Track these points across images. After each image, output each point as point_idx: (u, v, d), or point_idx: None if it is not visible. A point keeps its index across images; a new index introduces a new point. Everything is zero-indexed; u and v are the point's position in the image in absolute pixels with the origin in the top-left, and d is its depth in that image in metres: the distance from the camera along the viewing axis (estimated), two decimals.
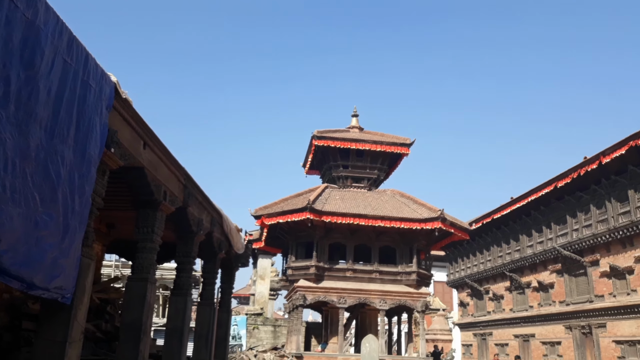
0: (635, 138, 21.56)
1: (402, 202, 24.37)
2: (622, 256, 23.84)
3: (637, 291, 22.84)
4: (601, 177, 24.55)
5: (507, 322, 33.54)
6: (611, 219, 24.16)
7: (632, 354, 22.85)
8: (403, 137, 26.38)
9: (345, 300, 22.17)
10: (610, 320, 24.24)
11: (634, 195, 22.94)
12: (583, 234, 26.11)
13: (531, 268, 31.13)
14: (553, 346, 28.66)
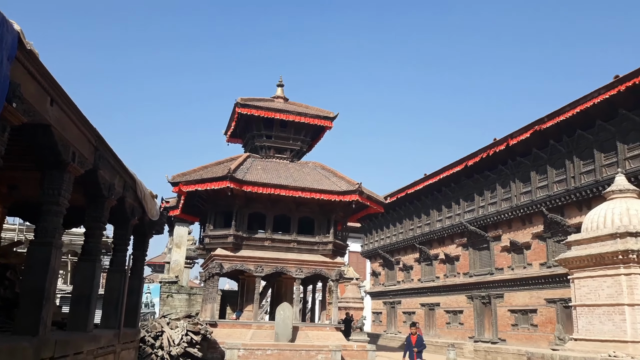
0: (539, 123, 23.17)
1: (323, 175, 24.69)
2: (522, 232, 25.81)
3: (533, 265, 24.90)
4: (508, 159, 26.24)
5: (415, 292, 35.45)
6: (514, 197, 25.99)
7: (523, 322, 25.02)
8: (327, 111, 26.56)
9: (263, 269, 22.32)
10: (507, 291, 26.32)
11: (536, 177, 24.77)
12: (488, 211, 27.91)
13: (439, 241, 32.94)
14: (455, 314, 30.74)
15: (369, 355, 21.76)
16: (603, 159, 21.08)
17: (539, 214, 24.33)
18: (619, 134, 20.33)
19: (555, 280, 22.54)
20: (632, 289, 13.32)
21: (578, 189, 21.95)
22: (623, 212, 14.23)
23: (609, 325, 13.67)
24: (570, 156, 22.65)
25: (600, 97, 20.01)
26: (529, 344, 23.49)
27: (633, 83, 18.67)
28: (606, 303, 13.83)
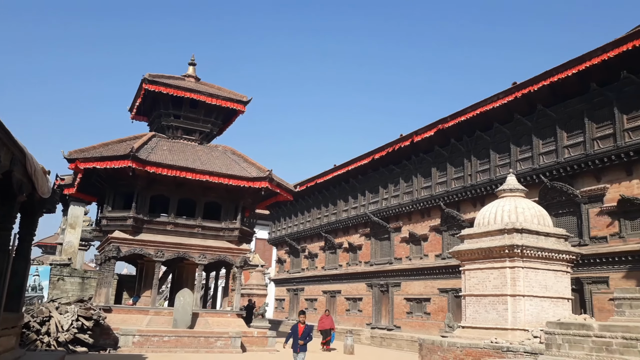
0: (442, 122, 24.38)
1: (233, 160, 24.27)
2: (420, 225, 27.12)
3: (429, 256, 26.27)
4: (412, 154, 27.38)
5: (319, 279, 36.14)
6: (415, 191, 27.20)
7: (418, 310, 26.38)
8: (240, 94, 26.07)
9: (163, 254, 21.57)
10: (404, 280, 27.59)
11: (436, 173, 26.09)
12: (391, 203, 29.01)
13: (344, 230, 33.78)
14: (355, 302, 31.75)
15: (269, 342, 21.86)
16: (498, 159, 22.64)
17: (437, 208, 25.67)
18: (513, 137, 21.92)
19: (449, 271, 23.96)
20: (515, 281, 14.48)
21: (474, 187, 23.43)
22: (512, 210, 15.38)
23: (493, 314, 14.78)
24: (468, 155, 24.08)
25: (499, 102, 21.42)
26: (421, 330, 24.82)
27: (528, 91, 20.17)
28: (492, 293, 14.92)
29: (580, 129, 19.28)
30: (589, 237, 18.53)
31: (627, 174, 17.82)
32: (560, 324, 10.75)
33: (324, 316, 24.61)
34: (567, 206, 19.60)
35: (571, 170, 19.29)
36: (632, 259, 17.02)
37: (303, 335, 11.89)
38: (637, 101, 17.54)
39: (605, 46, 17.44)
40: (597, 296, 17.93)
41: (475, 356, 13.58)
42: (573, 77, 18.59)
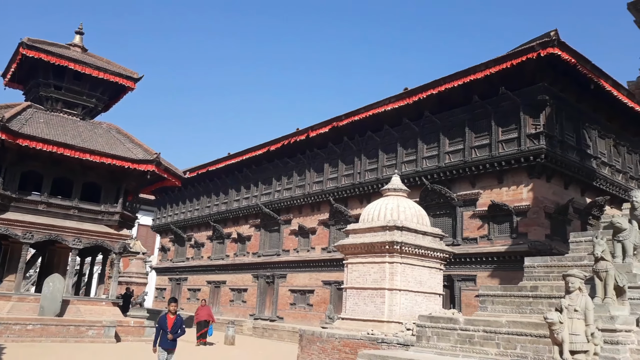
0: (337, 120, 24.95)
1: (118, 139, 22.87)
2: (310, 218, 27.56)
3: (316, 249, 26.80)
4: (306, 149, 27.71)
5: (204, 269, 35.37)
6: (307, 185, 27.59)
7: (301, 302, 26.82)
8: (131, 70, 24.60)
9: (33, 236, 19.79)
10: (290, 272, 27.90)
11: (328, 169, 26.65)
12: (283, 196, 29.17)
13: (234, 221, 33.36)
14: (240, 293, 31.52)
15: (146, 331, 20.97)
16: (385, 160, 23.64)
17: (327, 202, 26.25)
18: (401, 140, 23.01)
19: (333, 264, 24.63)
20: (393, 276, 15.21)
21: (362, 184, 24.27)
22: (394, 208, 16.13)
23: (371, 307, 15.41)
24: (359, 154, 24.89)
25: (390, 105, 22.36)
26: (304, 322, 25.26)
27: (418, 97, 21.25)
28: (371, 287, 15.55)
29: (461, 137, 20.72)
30: (461, 238, 20.01)
31: (498, 181, 19.47)
32: (430, 317, 11.45)
33: (200, 307, 22.23)
34: (444, 208, 20.98)
35: (450, 175, 20.68)
36: (497, 259, 18.67)
37: (174, 329, 9.87)
38: (511, 116, 19.22)
39: (488, 62, 18.88)
40: (465, 292, 19.43)
41: (352, 347, 14.06)
42: (458, 88, 19.91)
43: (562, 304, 7.14)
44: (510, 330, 9.54)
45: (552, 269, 11.00)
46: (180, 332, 10.02)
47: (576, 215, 19.62)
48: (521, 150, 18.49)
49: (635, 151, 22.67)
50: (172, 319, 9.99)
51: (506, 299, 10.96)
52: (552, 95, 18.65)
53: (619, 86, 19.29)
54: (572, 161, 19.22)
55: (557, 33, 17.00)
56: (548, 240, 18.09)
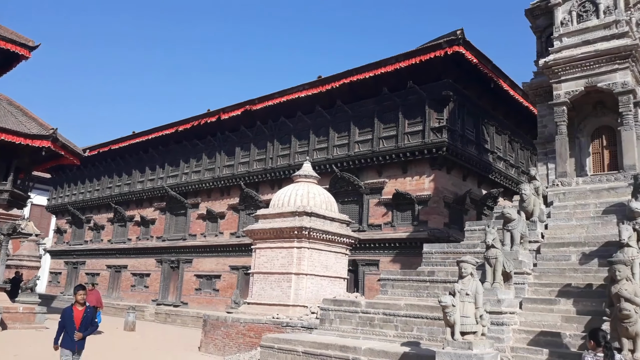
0: (251, 104, 24.64)
1: (9, 111, 20.97)
2: (219, 203, 27.10)
3: (224, 234, 26.43)
4: (217, 131, 27.13)
5: (104, 253, 33.65)
6: (217, 169, 27.06)
7: (207, 287, 26.40)
8: (26, 38, 22.52)
9: None
10: (197, 257, 27.32)
11: (240, 152, 26.29)
12: (191, 179, 28.39)
13: (138, 203, 31.98)
14: (142, 277, 30.39)
15: (37, 318, 19.61)
16: (298, 146, 23.76)
17: (237, 187, 25.93)
18: (314, 127, 23.22)
19: (242, 249, 24.44)
20: (301, 261, 15.42)
21: (274, 169, 24.23)
22: (304, 195, 16.30)
23: (278, 291, 15.53)
24: (272, 139, 24.79)
25: (304, 92, 22.45)
26: (209, 307, 24.89)
27: (331, 86, 21.53)
28: (279, 271, 15.65)
29: (370, 127, 21.30)
30: (367, 224, 20.67)
31: (403, 171, 20.29)
32: (334, 301, 11.77)
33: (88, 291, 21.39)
34: (352, 195, 21.53)
35: (359, 163, 21.23)
36: (400, 245, 19.52)
37: (83, 325, 7.65)
38: (417, 109, 20.06)
39: (398, 56, 19.52)
40: (369, 277, 20.15)
41: (257, 331, 14.09)
42: (369, 79, 20.42)
43: (455, 288, 7.62)
44: (408, 312, 10.05)
45: (448, 255, 11.70)
46: (91, 328, 7.87)
47: (472, 205, 20.96)
48: (425, 143, 19.37)
49: (527, 148, 24.57)
50: (80, 311, 7.74)
51: (405, 283, 11.51)
52: (455, 91, 19.68)
53: (515, 86, 20.77)
54: (471, 155, 20.46)
55: (462, 32, 17.92)
56: (446, 228, 19.19)
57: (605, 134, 12.50)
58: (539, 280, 9.69)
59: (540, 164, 13.43)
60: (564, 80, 12.24)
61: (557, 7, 12.82)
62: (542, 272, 9.86)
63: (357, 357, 9.29)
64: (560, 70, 12.26)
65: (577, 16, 12.52)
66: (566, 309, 8.78)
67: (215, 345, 15.25)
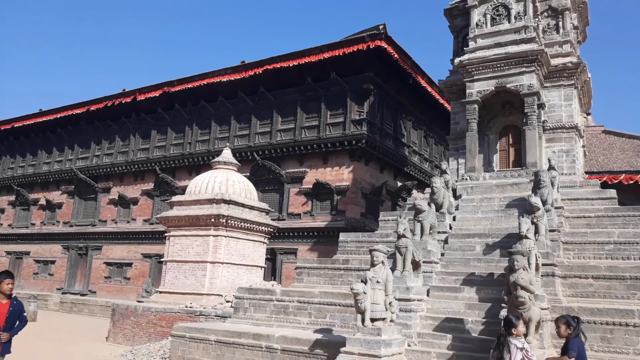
0: (170, 85, 23.77)
1: None
2: (132, 188, 25.98)
3: (137, 220, 25.39)
4: (132, 112, 25.94)
5: (3, 238, 31.19)
6: (132, 152, 25.90)
7: (117, 275, 25.30)
8: None
9: None
10: (107, 244, 26.06)
11: (156, 136, 25.32)
12: (103, 161, 26.98)
13: (43, 185, 29.94)
14: (47, 265, 28.55)
15: None
16: (218, 132, 23.26)
17: (152, 172, 24.98)
18: (235, 113, 22.82)
19: (155, 236, 23.61)
20: (217, 249, 15.15)
21: (192, 155, 23.57)
22: (223, 182, 16.00)
23: (192, 280, 15.18)
24: (191, 123, 24.09)
25: (227, 77, 21.99)
26: (119, 296, 23.89)
27: (254, 72, 21.24)
28: (194, 260, 15.29)
29: (293, 116, 21.28)
30: (287, 213, 20.70)
31: (324, 162, 20.49)
32: (249, 289, 11.68)
33: None
34: (273, 184, 21.45)
35: (281, 152, 21.17)
36: (318, 234, 19.73)
37: (10, 321, 5.89)
38: (339, 101, 20.29)
39: (322, 47, 19.61)
40: (286, 265, 20.21)
41: (169, 320, 13.71)
42: (293, 68, 20.37)
43: (366, 276, 7.79)
44: (322, 300, 10.19)
45: (363, 244, 11.96)
46: (20, 325, 6.07)
47: (388, 196, 21.60)
48: (345, 134, 19.67)
49: (441, 143, 25.66)
50: (4, 305, 5.91)
51: (321, 271, 11.65)
52: (376, 85, 20.11)
53: (432, 83, 21.57)
54: (388, 148, 21.03)
55: (385, 27, 18.30)
56: (363, 218, 19.65)
57: (512, 133, 13.29)
58: (445, 269, 10.16)
59: (452, 159, 14.05)
60: (477, 79, 12.84)
61: (474, 9, 13.39)
62: (449, 261, 10.34)
63: (270, 344, 9.29)
64: (473, 70, 12.84)
65: (491, 19, 13.16)
66: (470, 296, 9.27)
67: (125, 335, 14.68)
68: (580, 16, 14.78)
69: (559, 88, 13.14)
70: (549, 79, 13.14)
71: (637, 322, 7.88)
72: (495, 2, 13.14)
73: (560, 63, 13.05)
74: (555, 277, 9.07)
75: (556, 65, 13.02)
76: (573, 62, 12.98)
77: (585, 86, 14.21)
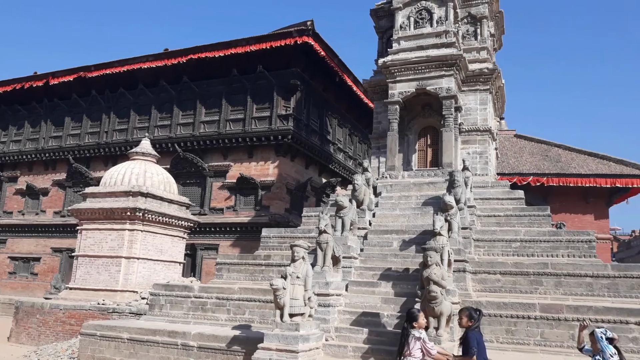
0: (86, 70, 22.47)
1: None
2: (42, 177, 24.36)
3: (47, 212, 23.85)
4: (45, 97, 24.31)
5: None
6: (42, 139, 24.27)
7: (23, 270, 23.64)
8: None
9: None
10: (12, 237, 24.26)
11: (70, 123, 23.89)
12: (10, 148, 25.09)
13: None
14: None
15: None
16: (137, 121, 22.31)
17: (64, 161, 23.56)
18: (156, 102, 21.98)
19: (67, 230, 22.31)
20: (132, 244, 14.54)
21: (109, 144, 22.46)
22: (140, 173, 15.36)
23: (105, 276, 14.47)
24: (108, 111, 22.93)
25: (148, 64, 21.12)
26: (25, 292, 22.33)
27: (178, 61, 20.56)
28: (108, 255, 14.58)
29: (218, 108, 20.84)
30: (209, 208, 20.25)
31: (249, 156, 20.24)
32: (166, 285, 11.30)
33: None
34: (195, 177, 20.90)
35: (204, 144, 20.67)
36: (241, 229, 19.47)
37: None
38: (266, 95, 20.11)
39: (249, 39, 19.33)
40: (207, 261, 19.78)
41: (79, 318, 13.00)
42: (219, 59, 19.93)
43: (287, 272, 7.77)
44: (241, 296, 10.05)
45: (285, 240, 11.93)
46: None
47: (313, 192, 21.73)
48: (272, 129, 19.53)
49: (365, 141, 26.16)
50: None
51: (241, 267, 11.50)
52: (303, 81, 20.12)
53: (358, 82, 21.90)
54: (314, 144, 21.14)
55: (312, 23, 18.34)
56: (287, 213, 19.63)
57: (430, 134, 13.77)
58: (364, 265, 10.36)
59: (374, 157, 14.35)
60: (399, 80, 13.18)
61: (398, 11, 13.71)
62: (367, 256, 10.55)
63: (186, 342, 9.04)
64: (396, 71, 13.17)
65: (415, 22, 13.53)
66: (386, 291, 9.51)
67: (29, 334, 13.76)
68: (497, 25, 15.57)
69: (475, 92, 13.76)
70: (466, 83, 13.72)
71: (538, 315, 8.44)
72: (418, 5, 13.52)
73: (477, 68, 13.67)
74: (466, 272, 9.52)
75: (473, 70, 13.62)
76: (489, 68, 13.64)
77: (499, 92, 15.00)
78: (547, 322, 8.36)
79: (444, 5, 13.24)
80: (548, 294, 9.32)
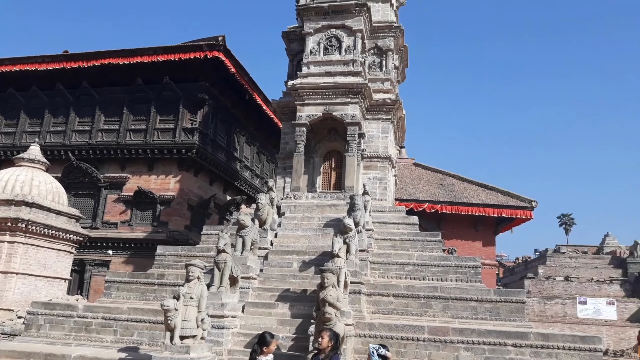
0: None
1: None
2: None
3: None
4: None
5: None
6: None
7: None
8: None
9: None
10: None
11: None
12: None
13: None
14: None
15: None
16: (28, 125, 20.70)
17: None
18: (51, 106, 20.54)
19: None
20: (12, 257, 13.28)
21: None
22: (27, 181, 14.17)
23: None
24: None
25: (44, 65, 19.75)
26: None
27: (78, 65, 19.42)
28: None
29: (118, 116, 19.88)
30: (102, 222, 19.11)
31: (149, 169, 19.45)
32: (46, 304, 10.43)
33: None
34: (88, 188, 19.68)
35: (100, 154, 19.58)
36: (135, 245, 18.54)
37: None
38: (171, 107, 19.52)
39: (157, 49, 18.75)
40: (96, 278, 18.54)
41: None
42: (124, 66, 19.11)
43: (180, 292, 7.48)
44: (130, 317, 9.52)
45: (182, 258, 11.53)
46: None
47: (216, 209, 21.27)
48: (175, 142, 18.96)
49: (272, 161, 26.15)
50: None
51: (132, 286, 10.93)
52: (211, 95, 19.81)
53: (268, 101, 21.94)
54: (220, 160, 20.78)
55: (224, 39, 18.19)
56: (187, 230, 19.02)
57: (335, 157, 14.10)
58: (263, 285, 10.26)
59: (279, 177, 14.38)
60: (307, 104, 13.39)
61: (309, 36, 14.00)
62: (267, 277, 10.47)
63: None
64: (304, 95, 13.38)
65: (324, 48, 13.88)
66: (283, 312, 9.47)
67: None
68: (401, 58, 16.40)
69: (378, 121, 14.31)
70: (370, 112, 14.24)
71: (427, 337, 8.80)
72: (329, 33, 13.90)
73: (380, 98, 14.25)
74: (362, 294, 9.75)
75: (377, 100, 14.18)
76: (392, 99, 14.28)
77: (400, 122, 15.74)
78: (435, 344, 8.74)
79: (353, 35, 13.73)
80: (437, 316, 9.78)
